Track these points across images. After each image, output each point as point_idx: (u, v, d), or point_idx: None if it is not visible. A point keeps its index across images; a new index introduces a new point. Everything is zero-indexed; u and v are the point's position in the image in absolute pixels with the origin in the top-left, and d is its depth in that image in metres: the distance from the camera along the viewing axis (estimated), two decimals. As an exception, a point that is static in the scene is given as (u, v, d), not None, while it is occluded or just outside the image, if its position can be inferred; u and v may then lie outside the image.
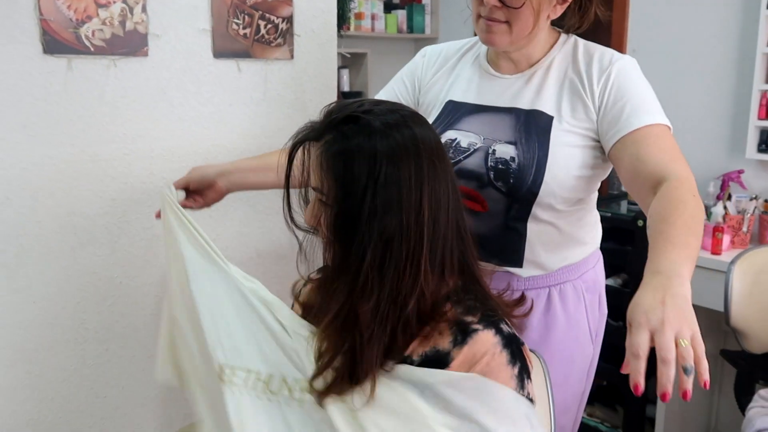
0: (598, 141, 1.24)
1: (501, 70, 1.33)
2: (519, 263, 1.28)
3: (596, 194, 1.39)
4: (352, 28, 3.43)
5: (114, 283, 1.48)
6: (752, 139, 2.51)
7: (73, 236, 1.41)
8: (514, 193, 1.23)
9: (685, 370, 0.78)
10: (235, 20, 1.57)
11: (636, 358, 0.81)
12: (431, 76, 1.43)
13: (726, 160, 2.68)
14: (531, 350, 1.10)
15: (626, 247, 2.56)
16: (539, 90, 1.27)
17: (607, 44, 3.20)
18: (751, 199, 2.44)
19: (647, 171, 1.11)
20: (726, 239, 2.34)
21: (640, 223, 2.46)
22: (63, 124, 1.37)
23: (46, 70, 1.34)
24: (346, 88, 3.52)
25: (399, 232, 0.85)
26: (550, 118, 1.23)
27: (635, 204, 2.67)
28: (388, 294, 0.85)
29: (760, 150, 2.51)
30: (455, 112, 1.32)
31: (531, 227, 1.26)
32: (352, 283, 0.86)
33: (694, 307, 0.84)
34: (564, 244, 1.31)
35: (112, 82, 1.42)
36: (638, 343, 0.82)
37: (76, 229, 1.42)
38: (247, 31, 1.59)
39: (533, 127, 1.23)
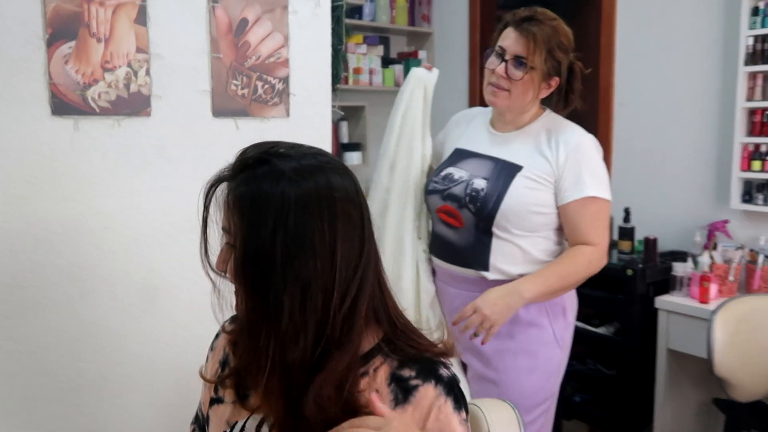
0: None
1: (497, 129, 1.77)
2: (486, 268, 1.68)
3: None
4: (351, 82, 3.54)
5: (111, 333, 1.53)
6: (736, 189, 2.58)
7: (73, 287, 1.47)
8: (479, 213, 1.66)
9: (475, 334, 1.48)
10: (234, 81, 1.66)
11: (461, 318, 1.55)
12: (451, 133, 1.92)
13: (712, 210, 2.74)
14: (503, 399, 1.14)
15: (617, 296, 2.60)
16: (518, 147, 1.70)
17: (596, 98, 3.30)
18: (737, 249, 2.50)
19: (574, 235, 1.63)
20: (713, 288, 2.38)
21: (629, 272, 2.51)
22: (67, 180, 1.44)
23: (54, 130, 1.42)
24: (345, 140, 3.62)
25: (315, 276, 0.81)
26: (519, 167, 1.66)
27: (625, 253, 2.72)
28: (313, 342, 0.81)
29: (744, 200, 2.58)
30: (458, 156, 1.79)
31: (494, 241, 1.67)
32: (275, 332, 0.81)
33: (685, 355, 0.89)
34: (523, 260, 1.67)
35: (115, 141, 1.50)
36: (466, 310, 1.55)
37: (76, 280, 1.47)
38: (245, 91, 1.68)
39: (504, 171, 1.67)
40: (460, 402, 0.87)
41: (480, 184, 1.68)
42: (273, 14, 1.70)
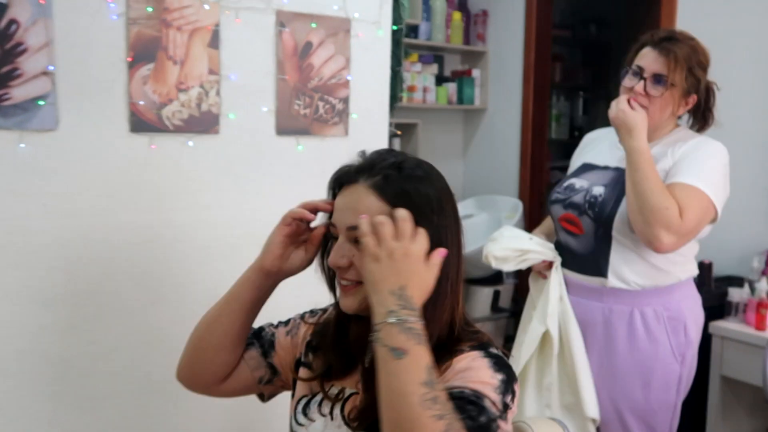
0: None
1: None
2: (605, 274, 1.72)
3: (691, 245, 1.72)
4: (404, 99, 3.60)
5: (178, 339, 1.61)
6: (798, 215, 2.52)
7: (145, 294, 1.56)
8: (598, 218, 1.70)
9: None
10: (297, 101, 1.74)
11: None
12: (581, 151, 1.97)
13: (771, 235, 2.68)
14: (555, 419, 1.17)
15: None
16: None
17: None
18: (797, 275, 2.44)
19: None
20: (771, 315, 2.33)
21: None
22: (143, 193, 1.54)
23: (131, 146, 1.52)
24: (396, 156, 3.67)
25: (448, 264, 0.92)
26: None
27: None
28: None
29: (806, 226, 2.52)
30: (583, 169, 1.86)
31: (613, 247, 1.70)
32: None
33: (740, 382, 0.87)
34: (644, 269, 1.69)
35: (186, 157, 1.59)
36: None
37: (148, 288, 1.56)
38: (308, 111, 1.76)
39: (622, 177, 1.66)
40: (500, 368, 0.90)
41: (598, 190, 1.73)
42: (336, 38, 1.78)
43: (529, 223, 3.67)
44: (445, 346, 0.93)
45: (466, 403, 0.83)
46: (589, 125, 4.75)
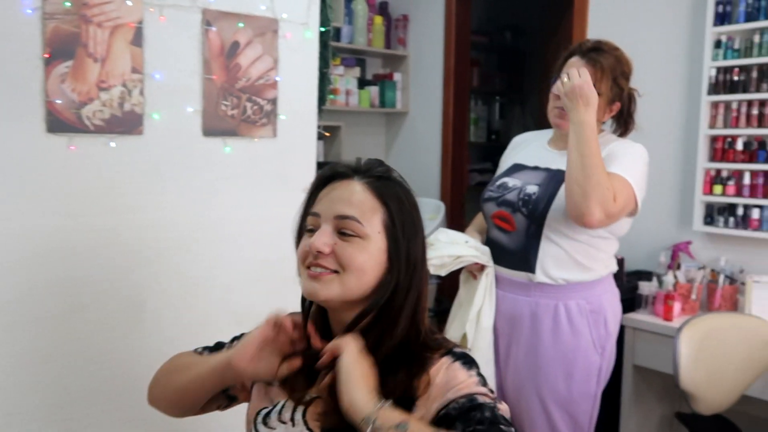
0: None
1: (555, 147, 1.90)
2: (533, 270, 1.80)
3: (612, 243, 1.85)
4: (327, 103, 3.60)
5: (99, 349, 1.55)
6: (698, 212, 2.71)
7: (63, 303, 1.49)
8: (531, 215, 1.79)
9: None
10: (224, 102, 1.70)
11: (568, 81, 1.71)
12: (510, 152, 2.07)
13: (675, 231, 2.86)
14: None
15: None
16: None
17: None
18: (699, 269, 2.61)
19: None
20: (677, 306, 2.48)
21: (598, 290, 2.61)
22: (61, 197, 1.47)
23: (49, 147, 1.44)
24: (321, 159, 3.67)
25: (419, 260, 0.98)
26: None
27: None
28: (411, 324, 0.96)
29: (706, 222, 2.70)
30: (514, 169, 1.94)
31: (542, 244, 1.79)
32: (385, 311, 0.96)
33: (650, 370, 0.95)
34: (570, 265, 1.79)
35: (108, 159, 1.53)
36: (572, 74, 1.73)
37: (66, 296, 1.49)
38: (235, 111, 1.73)
39: (556, 177, 1.80)
40: (470, 365, 0.94)
41: (532, 189, 1.82)
42: (264, 38, 1.76)
43: (451, 224, 3.75)
44: (415, 354, 0.95)
45: (468, 411, 0.87)
46: (505, 129, 4.91)
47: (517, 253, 1.84)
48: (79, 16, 1.46)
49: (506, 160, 2.04)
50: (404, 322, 0.96)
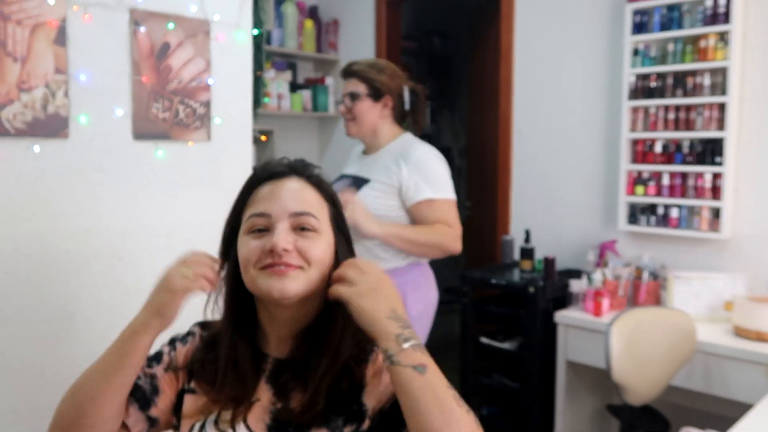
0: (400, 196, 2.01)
1: (366, 153, 2.16)
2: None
3: None
4: (262, 106, 3.55)
5: (24, 364, 1.46)
6: (622, 212, 2.83)
7: (-17, 316, 1.40)
8: None
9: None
10: (155, 104, 1.65)
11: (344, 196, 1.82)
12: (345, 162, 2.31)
13: (602, 231, 2.98)
14: None
15: (519, 312, 2.76)
16: (374, 165, 2.07)
17: (496, 127, 3.49)
18: (625, 266, 2.73)
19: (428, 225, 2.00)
20: (605, 303, 2.58)
21: (531, 289, 2.68)
22: (-21, 204, 1.38)
23: (-35, 151, 1.35)
24: (254, 163, 3.61)
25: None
26: (367, 180, 2.04)
27: (526, 272, 2.90)
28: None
29: (629, 222, 2.83)
30: (339, 178, 2.16)
31: None
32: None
33: (582, 365, 0.98)
34: (369, 257, 1.96)
35: (30, 163, 1.45)
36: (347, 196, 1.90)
37: (-13, 308, 1.40)
38: (167, 114, 1.67)
39: (355, 184, 2.04)
40: None
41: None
42: (195, 39, 1.71)
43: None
44: (359, 344, 0.98)
45: None
46: (436, 133, 4.98)
47: None
48: (-4, 13, 1.38)
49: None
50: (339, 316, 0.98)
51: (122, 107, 1.59)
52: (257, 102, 1.95)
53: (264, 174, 1.01)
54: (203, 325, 1.10)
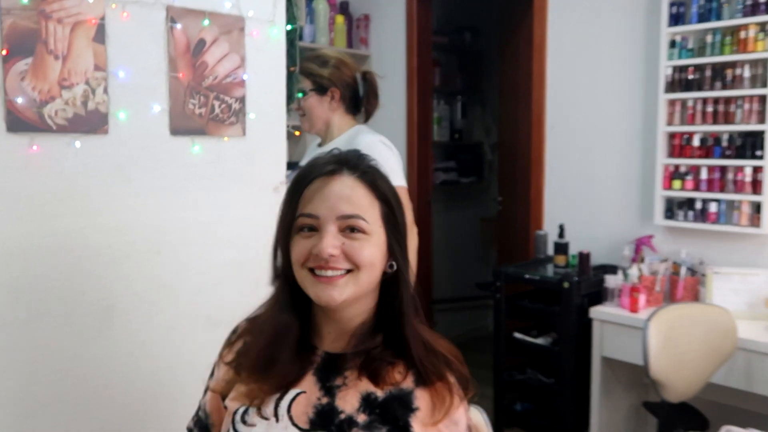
0: None
1: (321, 144, 2.21)
2: None
3: None
4: (295, 101, 3.57)
5: (67, 355, 1.50)
6: (659, 207, 2.78)
7: (28, 308, 1.43)
8: None
9: None
10: (192, 100, 1.67)
11: None
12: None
13: (638, 226, 2.93)
14: (473, 405, 1.20)
15: (554, 308, 2.73)
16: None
17: (528, 122, 3.46)
18: (661, 262, 2.68)
19: None
20: (642, 298, 2.54)
21: (566, 285, 2.65)
22: (22, 200, 1.41)
23: (9, 147, 1.39)
24: (287, 158, 3.64)
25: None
26: None
27: (561, 267, 2.86)
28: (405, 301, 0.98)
29: (666, 217, 2.77)
30: (294, 171, 2.17)
31: None
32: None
33: (617, 361, 0.98)
34: None
35: (71, 159, 1.48)
36: None
37: (31, 301, 1.43)
38: (203, 110, 1.69)
39: None
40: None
41: None
42: (230, 36, 1.73)
43: (418, 223, 3.75)
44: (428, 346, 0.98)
45: None
46: (467, 128, 4.95)
47: None
48: (37, 12, 1.41)
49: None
50: (408, 308, 0.97)
51: (159, 103, 1.61)
52: (290, 97, 1.95)
53: (313, 172, 0.98)
54: (251, 320, 1.09)
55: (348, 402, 0.93)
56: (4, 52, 1.37)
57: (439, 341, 0.99)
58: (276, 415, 0.95)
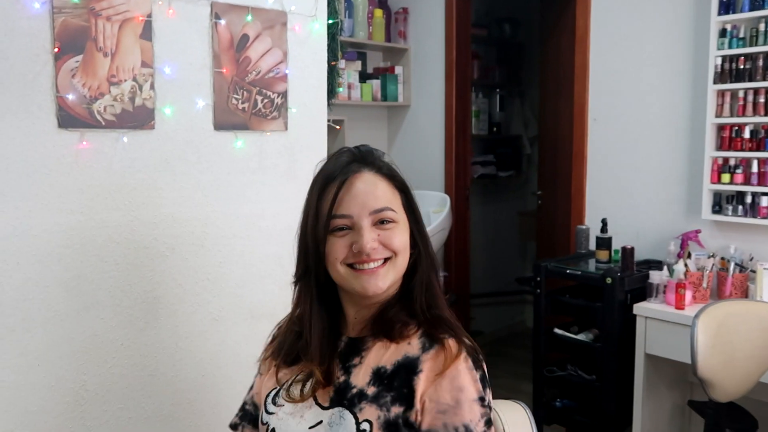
0: None
1: None
2: None
3: None
4: (336, 95, 3.59)
5: (115, 345, 1.53)
6: (706, 201, 2.70)
7: (78, 300, 1.47)
8: None
9: None
10: (235, 95, 1.69)
11: None
12: None
13: (684, 220, 2.86)
14: (516, 401, 1.20)
15: (596, 304, 2.69)
16: None
17: (570, 115, 3.40)
18: (709, 257, 2.60)
19: None
20: (688, 295, 2.48)
21: (608, 280, 2.60)
22: (73, 194, 1.45)
23: (60, 143, 1.42)
24: (328, 152, 3.66)
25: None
26: None
27: (603, 262, 2.81)
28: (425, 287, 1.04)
29: (714, 211, 2.69)
30: None
31: None
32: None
33: (662, 359, 0.95)
34: None
35: (119, 154, 1.51)
36: None
37: (81, 293, 1.47)
38: (246, 105, 1.71)
39: None
40: (476, 364, 0.97)
41: None
42: (273, 31, 1.74)
43: (456, 217, 3.74)
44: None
45: None
46: (506, 121, 4.89)
47: None
48: (87, 10, 1.44)
49: None
50: (423, 288, 1.04)
51: (204, 99, 1.63)
52: (331, 92, 1.96)
53: (336, 172, 1.01)
54: (288, 316, 1.16)
55: (360, 378, 0.98)
56: (56, 50, 1.40)
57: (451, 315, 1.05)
58: (302, 395, 1.01)
